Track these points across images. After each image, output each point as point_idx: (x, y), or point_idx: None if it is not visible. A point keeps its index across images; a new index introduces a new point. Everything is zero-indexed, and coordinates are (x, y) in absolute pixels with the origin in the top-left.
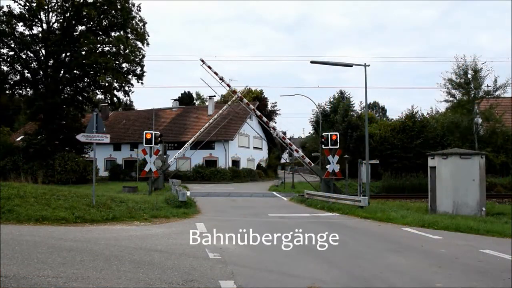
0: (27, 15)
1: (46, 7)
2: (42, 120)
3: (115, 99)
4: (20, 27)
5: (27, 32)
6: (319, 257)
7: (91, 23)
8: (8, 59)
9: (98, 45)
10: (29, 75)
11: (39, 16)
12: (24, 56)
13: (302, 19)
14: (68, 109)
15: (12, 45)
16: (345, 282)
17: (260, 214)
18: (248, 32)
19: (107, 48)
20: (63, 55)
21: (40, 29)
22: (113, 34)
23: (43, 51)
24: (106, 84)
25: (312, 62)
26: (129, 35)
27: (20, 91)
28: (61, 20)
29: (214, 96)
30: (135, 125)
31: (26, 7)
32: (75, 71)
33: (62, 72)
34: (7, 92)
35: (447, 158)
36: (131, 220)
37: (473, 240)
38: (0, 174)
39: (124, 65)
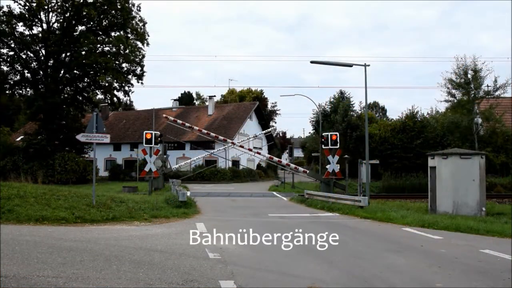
0: (27, 15)
1: (46, 7)
2: (42, 120)
3: (115, 99)
4: (20, 27)
5: (27, 32)
6: (319, 257)
7: (91, 23)
8: (8, 59)
9: (98, 45)
10: (29, 75)
11: (39, 16)
12: (24, 56)
13: (303, 19)
14: (68, 109)
15: (12, 45)
16: (345, 282)
17: (260, 214)
18: (249, 32)
19: (107, 48)
20: (63, 55)
21: (40, 29)
22: (113, 34)
23: (43, 51)
24: (106, 84)
25: (312, 62)
26: (129, 35)
27: (20, 91)
28: (61, 20)
29: (214, 96)
30: (135, 125)
31: (26, 7)
32: (75, 71)
33: (62, 72)
34: (7, 92)
35: (447, 158)
36: (131, 220)
37: (473, 240)
38: (0, 174)
39: (124, 65)
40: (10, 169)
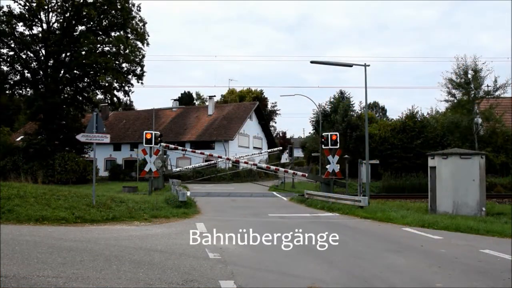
0: (27, 15)
1: (46, 7)
2: (42, 120)
3: (115, 99)
4: (20, 27)
5: (27, 32)
6: (319, 257)
7: (91, 23)
8: (8, 59)
9: (98, 45)
10: (29, 75)
11: (39, 16)
12: (24, 56)
13: (303, 19)
14: (68, 109)
15: (12, 45)
16: (345, 282)
17: (260, 214)
18: (249, 32)
19: (107, 48)
20: (63, 55)
21: (40, 29)
22: (113, 34)
23: (43, 51)
24: (106, 84)
25: (312, 62)
26: (129, 35)
27: (20, 91)
28: (61, 20)
29: (214, 96)
30: (135, 125)
31: (26, 7)
32: (75, 71)
33: (62, 72)
34: (7, 92)
35: (447, 158)
36: (131, 220)
37: (473, 240)
38: (0, 174)
39: (124, 65)
40: (10, 169)
